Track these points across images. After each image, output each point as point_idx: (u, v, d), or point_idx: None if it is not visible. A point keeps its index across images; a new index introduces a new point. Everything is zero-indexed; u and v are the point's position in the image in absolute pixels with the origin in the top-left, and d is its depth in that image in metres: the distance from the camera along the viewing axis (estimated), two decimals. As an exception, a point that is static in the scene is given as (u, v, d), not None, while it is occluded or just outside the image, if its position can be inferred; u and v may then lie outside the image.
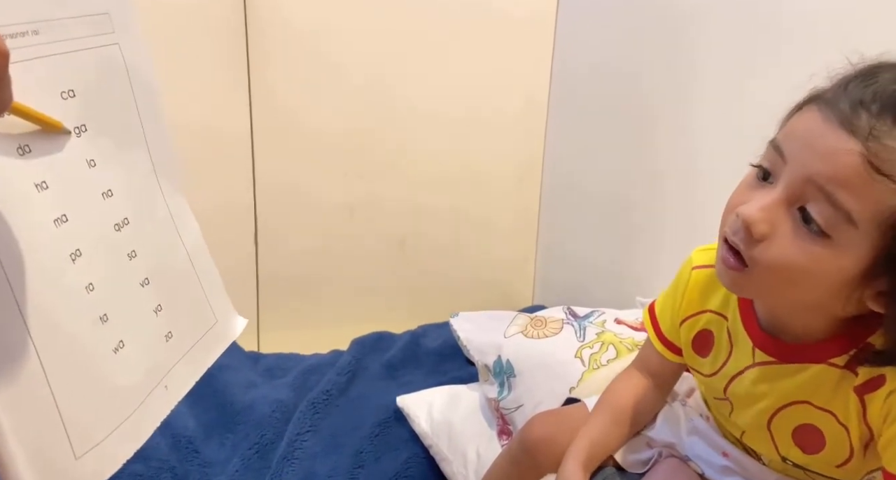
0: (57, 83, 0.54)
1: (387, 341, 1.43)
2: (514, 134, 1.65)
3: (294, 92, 1.49)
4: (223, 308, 0.73)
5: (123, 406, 0.57)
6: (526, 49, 1.59)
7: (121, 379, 0.57)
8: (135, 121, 0.62)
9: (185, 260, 0.68)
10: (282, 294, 1.61)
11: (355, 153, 1.57)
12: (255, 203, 1.54)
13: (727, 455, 0.80)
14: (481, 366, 1.17)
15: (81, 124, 0.56)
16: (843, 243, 0.55)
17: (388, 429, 1.16)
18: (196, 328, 0.68)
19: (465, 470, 1.05)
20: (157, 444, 1.10)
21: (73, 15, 0.55)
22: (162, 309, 0.63)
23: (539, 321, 1.18)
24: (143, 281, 0.61)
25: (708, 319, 0.75)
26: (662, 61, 1.31)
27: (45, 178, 0.52)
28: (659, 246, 1.37)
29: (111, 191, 0.58)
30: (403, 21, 1.50)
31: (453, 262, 1.70)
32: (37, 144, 0.52)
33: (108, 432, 0.55)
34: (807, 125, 0.58)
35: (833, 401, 0.65)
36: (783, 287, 0.60)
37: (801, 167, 0.57)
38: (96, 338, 0.55)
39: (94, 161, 0.57)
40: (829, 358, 0.64)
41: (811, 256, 0.56)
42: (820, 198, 0.55)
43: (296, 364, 1.37)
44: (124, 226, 0.60)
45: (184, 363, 0.65)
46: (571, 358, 1.06)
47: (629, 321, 1.15)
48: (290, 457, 1.10)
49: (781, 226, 0.58)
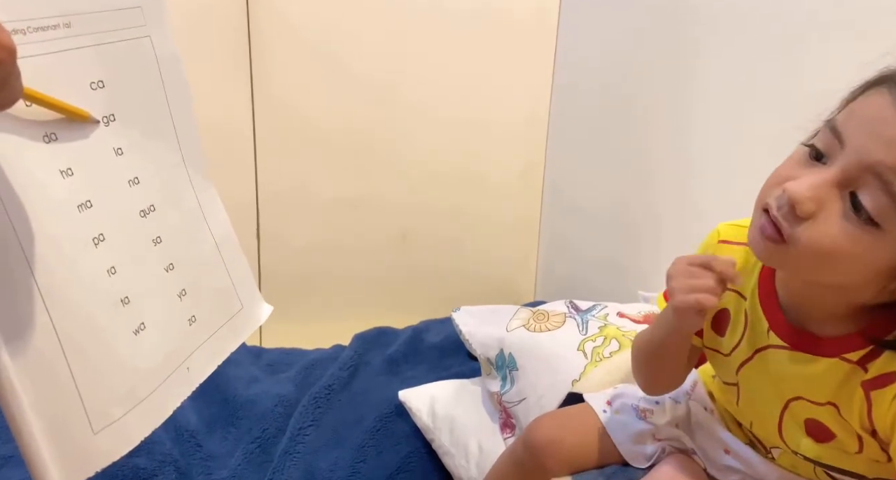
0: (87, 74, 0.56)
1: (389, 336, 1.43)
2: (517, 131, 1.65)
3: (296, 89, 1.49)
4: (249, 295, 0.74)
5: (142, 386, 0.59)
6: (529, 49, 1.59)
7: (140, 360, 0.59)
8: (164, 112, 0.64)
9: (213, 247, 0.69)
10: (284, 289, 1.61)
11: (357, 149, 1.57)
12: (258, 198, 1.54)
13: (728, 452, 0.79)
14: (483, 360, 1.17)
15: (110, 114, 0.58)
16: (890, 233, 0.54)
17: (389, 424, 1.16)
18: (221, 313, 0.70)
19: (467, 463, 1.05)
20: (160, 438, 1.10)
21: (106, 8, 0.57)
22: (186, 293, 0.64)
23: (541, 315, 1.18)
24: (167, 266, 0.63)
25: (728, 297, 0.73)
26: (663, 62, 1.32)
27: (71, 165, 0.54)
28: (659, 240, 1.37)
29: (138, 178, 0.60)
30: (406, 20, 1.50)
31: (455, 258, 1.70)
32: (64, 132, 0.53)
33: (127, 410, 0.57)
34: (873, 109, 0.55)
35: (837, 395, 0.64)
36: (819, 268, 0.58)
37: (862, 152, 0.54)
38: (116, 320, 0.56)
39: (121, 149, 0.59)
40: (843, 353, 0.63)
41: (854, 242, 0.55)
42: (876, 186, 0.54)
43: (298, 359, 1.38)
44: (150, 213, 0.61)
45: (207, 346, 0.67)
46: (574, 352, 1.06)
47: (632, 314, 1.15)
48: (292, 451, 1.11)
49: (829, 208, 0.56)
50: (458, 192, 1.65)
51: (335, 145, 1.55)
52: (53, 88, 0.51)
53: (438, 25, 1.52)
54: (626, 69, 1.42)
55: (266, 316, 0.77)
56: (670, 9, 1.28)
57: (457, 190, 1.65)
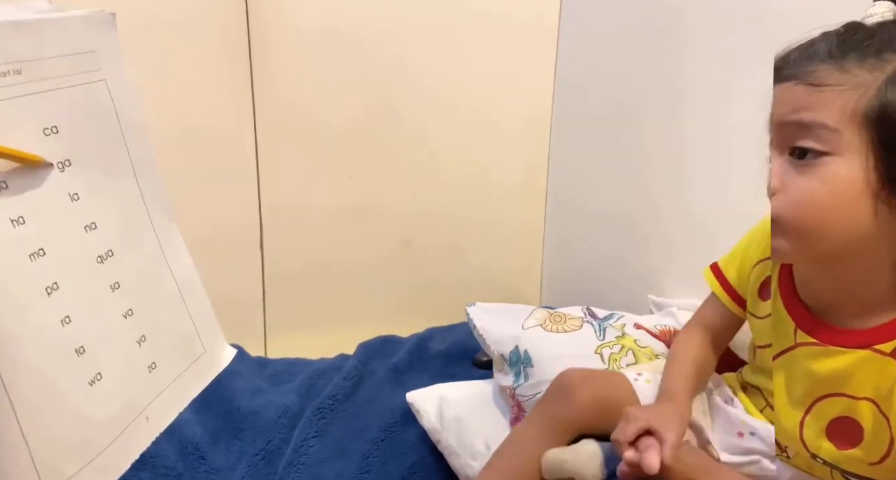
0: (40, 120, 0.55)
1: (393, 345, 1.43)
2: (520, 136, 1.64)
3: (298, 93, 1.48)
4: (212, 338, 0.73)
5: (98, 439, 0.57)
6: (530, 54, 1.58)
7: (96, 411, 0.57)
8: (123, 155, 0.63)
9: (174, 291, 0.68)
10: (288, 298, 1.61)
11: (359, 157, 1.56)
12: (260, 206, 1.53)
13: (742, 434, 0.79)
14: (497, 356, 1.15)
15: (66, 159, 0.57)
16: (842, 152, 0.60)
17: (394, 434, 1.15)
18: (182, 359, 0.68)
19: (473, 463, 1.04)
20: (164, 452, 1.09)
21: (58, 54, 0.56)
22: (146, 339, 0.63)
23: (558, 316, 1.17)
24: (126, 312, 0.61)
25: (773, 267, 0.77)
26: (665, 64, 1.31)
27: (23, 213, 0.52)
28: (667, 244, 1.36)
29: (95, 223, 0.59)
30: (408, 19, 1.50)
31: (459, 265, 1.69)
32: (15, 180, 0.52)
33: (81, 466, 0.55)
34: (774, 95, 0.65)
35: (875, 389, 0.64)
36: (814, 227, 0.62)
37: (773, 124, 0.64)
38: (70, 371, 0.55)
39: (77, 194, 0.57)
40: (876, 344, 0.64)
41: (821, 177, 0.60)
42: (797, 130, 0.62)
43: (302, 369, 1.37)
44: (108, 258, 0.60)
45: (168, 393, 0.65)
46: (591, 353, 1.05)
47: (648, 326, 1.14)
48: (297, 463, 1.10)
49: (788, 175, 0.63)
50: (462, 199, 1.64)
51: (337, 152, 1.54)
52: (5, 135, 0.51)
53: (442, 31, 1.52)
54: (628, 72, 1.41)
55: (230, 360, 0.75)
56: (671, 11, 1.28)
57: (460, 196, 1.64)
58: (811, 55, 0.62)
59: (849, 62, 0.60)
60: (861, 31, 0.62)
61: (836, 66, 0.60)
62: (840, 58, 0.60)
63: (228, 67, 1.42)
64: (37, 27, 0.54)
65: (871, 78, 0.59)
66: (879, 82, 0.59)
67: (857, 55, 0.60)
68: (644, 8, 1.36)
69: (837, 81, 0.60)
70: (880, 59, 0.59)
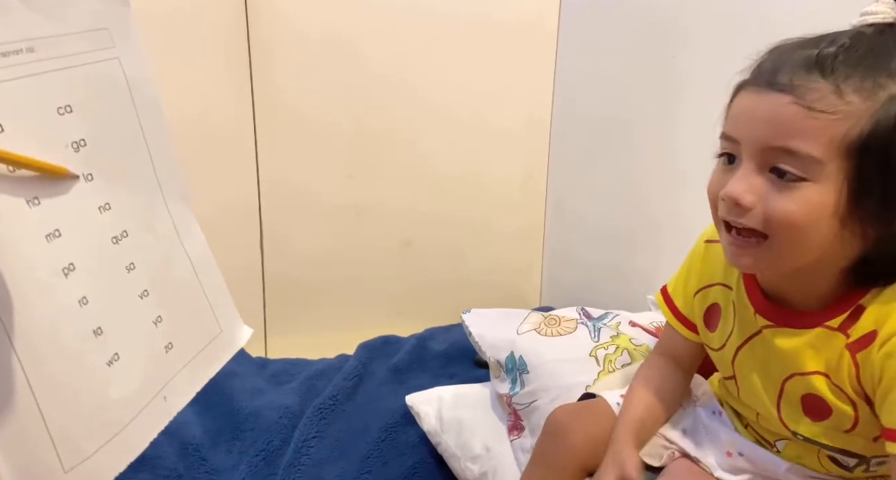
0: (53, 99, 0.54)
1: (393, 345, 1.42)
2: (520, 138, 1.65)
3: (298, 93, 1.48)
4: (228, 318, 0.72)
5: (117, 419, 0.57)
6: (530, 57, 1.59)
7: (114, 391, 0.57)
8: (137, 135, 0.62)
9: (189, 271, 0.67)
10: (288, 298, 1.60)
11: (359, 156, 1.56)
12: (260, 205, 1.53)
13: (731, 454, 0.80)
14: (493, 362, 1.15)
15: (80, 139, 0.56)
16: (820, 180, 0.61)
17: (394, 434, 1.15)
18: (199, 338, 0.68)
19: (473, 465, 1.04)
20: (165, 452, 1.09)
21: (71, 31, 0.55)
22: (162, 320, 0.62)
23: (553, 319, 1.17)
24: (142, 293, 0.61)
25: (717, 292, 0.80)
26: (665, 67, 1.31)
27: (37, 194, 0.52)
28: (665, 246, 1.36)
29: (109, 204, 0.58)
30: (408, 22, 1.50)
31: (459, 265, 1.69)
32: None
33: (100, 444, 0.55)
34: (743, 104, 0.65)
35: (827, 363, 0.67)
36: (793, 240, 0.63)
37: (755, 138, 0.63)
38: (88, 351, 0.55)
39: (91, 175, 0.57)
40: (825, 322, 0.67)
41: (799, 200, 0.61)
42: (782, 155, 0.61)
43: (302, 369, 1.37)
44: (122, 239, 0.59)
45: (185, 373, 0.65)
46: (586, 357, 1.05)
47: (644, 323, 1.14)
48: (297, 464, 1.10)
49: (763, 190, 0.63)
50: (462, 200, 1.64)
51: (337, 151, 1.54)
52: (19, 115, 0.50)
53: (441, 31, 1.52)
54: (628, 75, 1.41)
55: (246, 339, 0.74)
56: (671, 14, 1.28)
57: (460, 197, 1.64)
58: (810, 66, 0.61)
59: (847, 85, 0.59)
60: (864, 45, 0.61)
61: (833, 87, 0.60)
62: (841, 79, 0.60)
63: (228, 65, 1.42)
64: (49, 3, 0.53)
65: (863, 107, 0.59)
66: (871, 112, 0.59)
67: (856, 79, 0.60)
68: (644, 11, 1.36)
69: (832, 108, 0.59)
70: (877, 83, 0.59)
